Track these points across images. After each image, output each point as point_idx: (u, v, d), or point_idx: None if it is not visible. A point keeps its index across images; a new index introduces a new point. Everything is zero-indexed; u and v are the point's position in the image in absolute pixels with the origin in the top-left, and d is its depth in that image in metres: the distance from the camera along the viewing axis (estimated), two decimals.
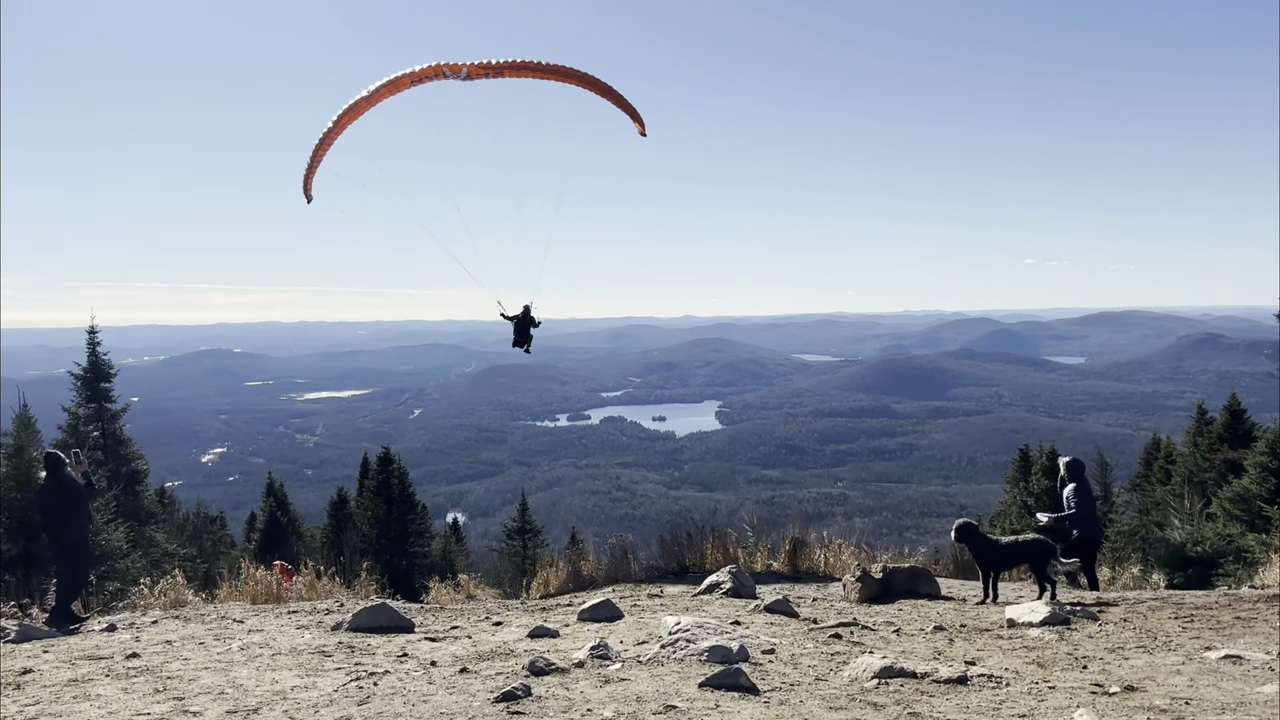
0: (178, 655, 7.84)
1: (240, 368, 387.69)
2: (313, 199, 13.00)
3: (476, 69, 12.03)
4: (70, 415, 31.42)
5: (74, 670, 7.22)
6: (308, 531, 48.74)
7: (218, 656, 7.71)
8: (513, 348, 14.76)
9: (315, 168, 12.79)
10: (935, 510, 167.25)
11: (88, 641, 9.19)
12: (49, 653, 8.36)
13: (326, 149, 12.78)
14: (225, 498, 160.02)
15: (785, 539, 15.32)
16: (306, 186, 12.95)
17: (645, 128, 14.42)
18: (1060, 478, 13.32)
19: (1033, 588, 11.68)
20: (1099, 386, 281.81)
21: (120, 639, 9.24)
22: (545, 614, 10.59)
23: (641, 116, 14.32)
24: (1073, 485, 12.99)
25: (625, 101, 13.89)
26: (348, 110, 12.54)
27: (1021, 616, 8.52)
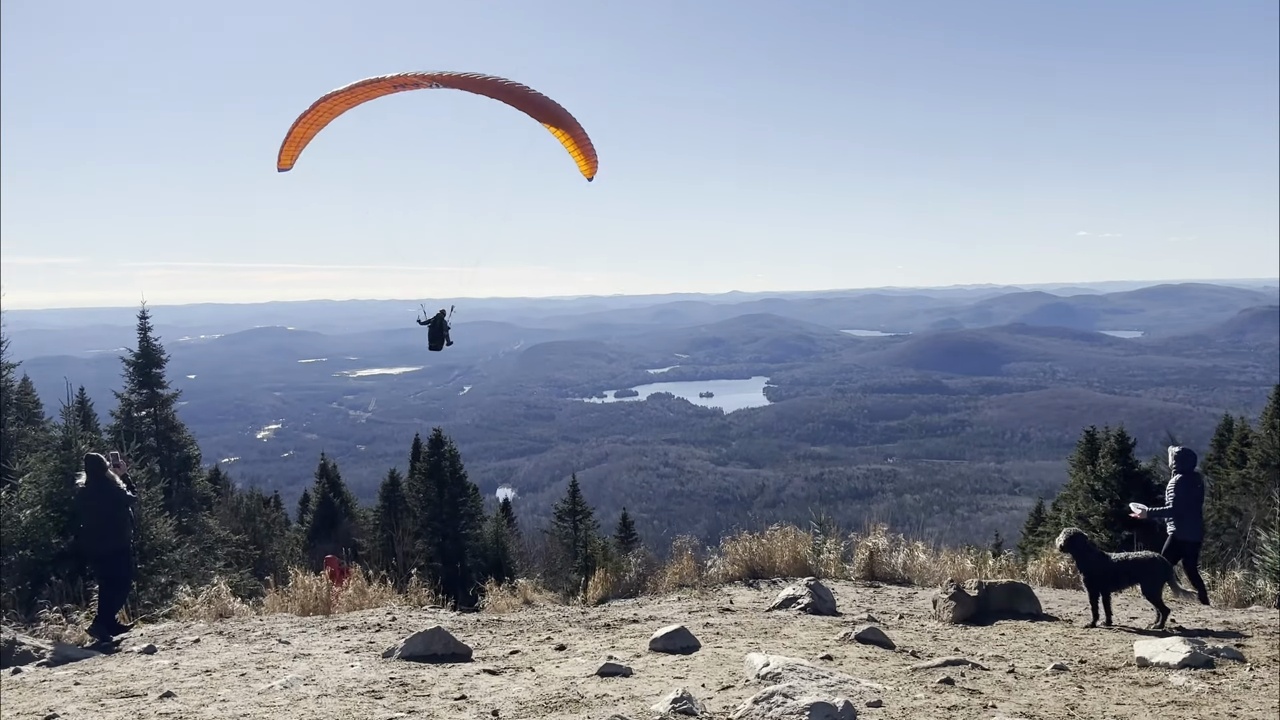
0: (215, 695, 7.13)
1: (294, 345, 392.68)
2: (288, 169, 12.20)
3: (440, 80, 11.33)
4: (123, 401, 31.29)
5: (101, 717, 6.53)
6: (360, 512, 48.69)
7: (258, 698, 6.99)
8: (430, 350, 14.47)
9: (299, 143, 11.99)
10: (988, 487, 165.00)
11: (124, 668, 8.55)
12: (80, 685, 7.72)
13: (316, 129, 12.01)
14: (280, 474, 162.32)
15: (859, 544, 14.39)
16: (286, 159, 12.09)
17: (594, 171, 12.92)
18: (1168, 468, 12.17)
19: (1144, 606, 10.64)
20: (1156, 361, 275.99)
21: (158, 666, 8.58)
22: (611, 634, 9.79)
23: (595, 157, 12.82)
24: (1178, 478, 11.86)
25: (578, 139, 12.53)
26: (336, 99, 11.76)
27: (1154, 655, 7.54)
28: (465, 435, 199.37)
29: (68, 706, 6.86)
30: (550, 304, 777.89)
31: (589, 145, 12.79)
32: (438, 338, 14.32)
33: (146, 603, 17.44)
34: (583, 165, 12.91)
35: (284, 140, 11.96)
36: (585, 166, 12.91)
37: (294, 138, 11.94)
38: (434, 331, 14.27)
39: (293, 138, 11.92)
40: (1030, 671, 7.50)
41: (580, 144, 12.73)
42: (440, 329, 14.25)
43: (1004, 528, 79.87)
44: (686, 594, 12.99)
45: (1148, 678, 7.12)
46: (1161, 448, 41.39)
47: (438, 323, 14.20)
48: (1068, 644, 8.82)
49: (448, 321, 14.35)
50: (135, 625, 11.77)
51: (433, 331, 14.28)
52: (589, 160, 12.87)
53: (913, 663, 7.87)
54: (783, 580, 13.57)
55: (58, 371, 31.68)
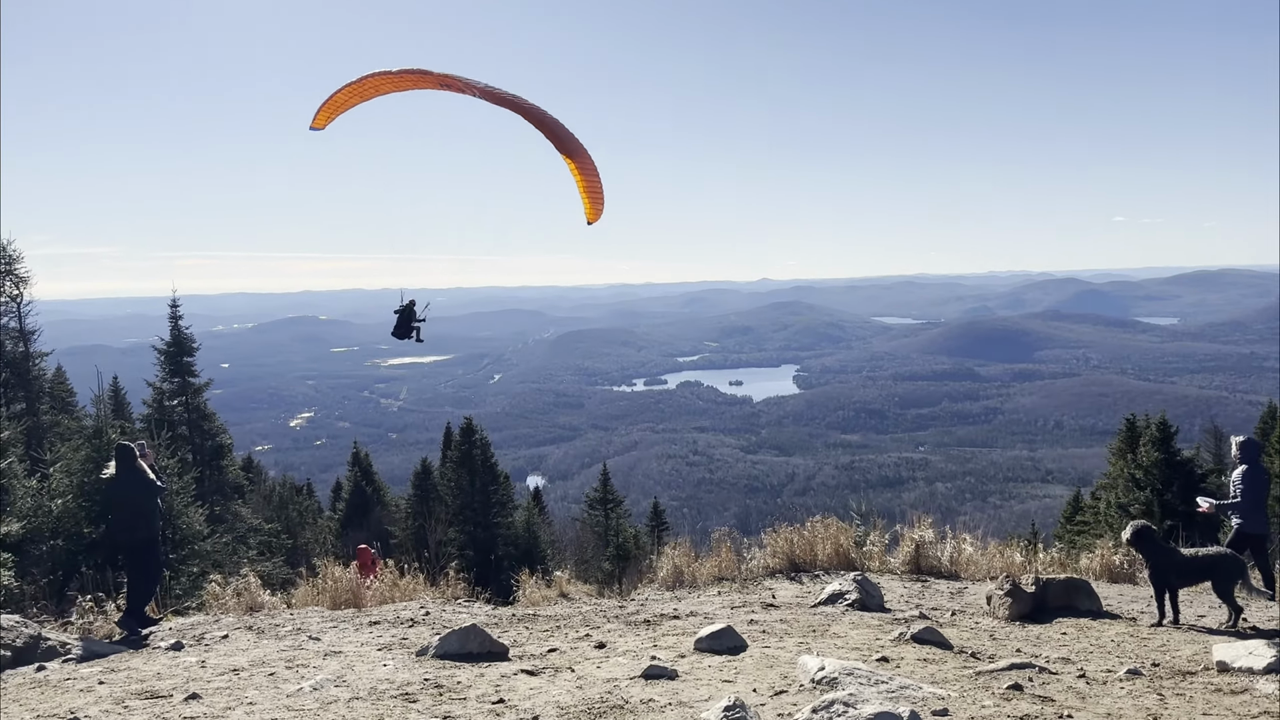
0: (242, 697, 6.82)
1: (326, 334, 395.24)
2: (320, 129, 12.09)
3: (484, 93, 11.43)
4: (155, 390, 31.28)
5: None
6: (392, 501, 48.68)
7: (287, 701, 6.67)
8: (391, 334, 14.26)
9: (338, 108, 11.89)
10: (1020, 475, 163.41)
11: (150, 666, 8.28)
12: (104, 684, 7.44)
13: (359, 99, 11.94)
14: (313, 461, 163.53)
15: (904, 536, 13.92)
16: (322, 119, 11.96)
17: (596, 217, 12.92)
18: (1232, 459, 11.58)
19: (1212, 604, 10.13)
20: (1192, 348, 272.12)
21: (185, 663, 8.30)
22: (651, 631, 9.41)
23: (601, 205, 12.84)
24: (1243, 469, 11.26)
25: (591, 182, 12.55)
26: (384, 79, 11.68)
27: (1236, 659, 7.05)
28: (495, 423, 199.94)
29: (90, 709, 6.58)
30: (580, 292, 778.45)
31: (598, 192, 12.77)
32: (404, 327, 14.17)
33: (178, 593, 17.30)
34: (588, 209, 12.85)
35: (324, 102, 11.79)
36: (590, 211, 12.86)
37: (335, 101, 11.79)
38: (402, 320, 14.13)
39: (334, 101, 11.77)
40: (1102, 676, 7.05)
41: (590, 189, 12.75)
42: (409, 319, 14.13)
43: (1038, 516, 78.89)
44: (726, 588, 12.60)
45: (1231, 684, 6.64)
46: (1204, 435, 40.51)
47: (408, 313, 14.10)
48: (1136, 645, 8.35)
49: (420, 315, 14.30)
50: (165, 618, 11.53)
51: (401, 320, 14.13)
52: (595, 206, 12.86)
53: (974, 665, 7.43)
54: (824, 574, 13.15)
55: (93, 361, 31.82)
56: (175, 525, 18.97)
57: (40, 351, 28.21)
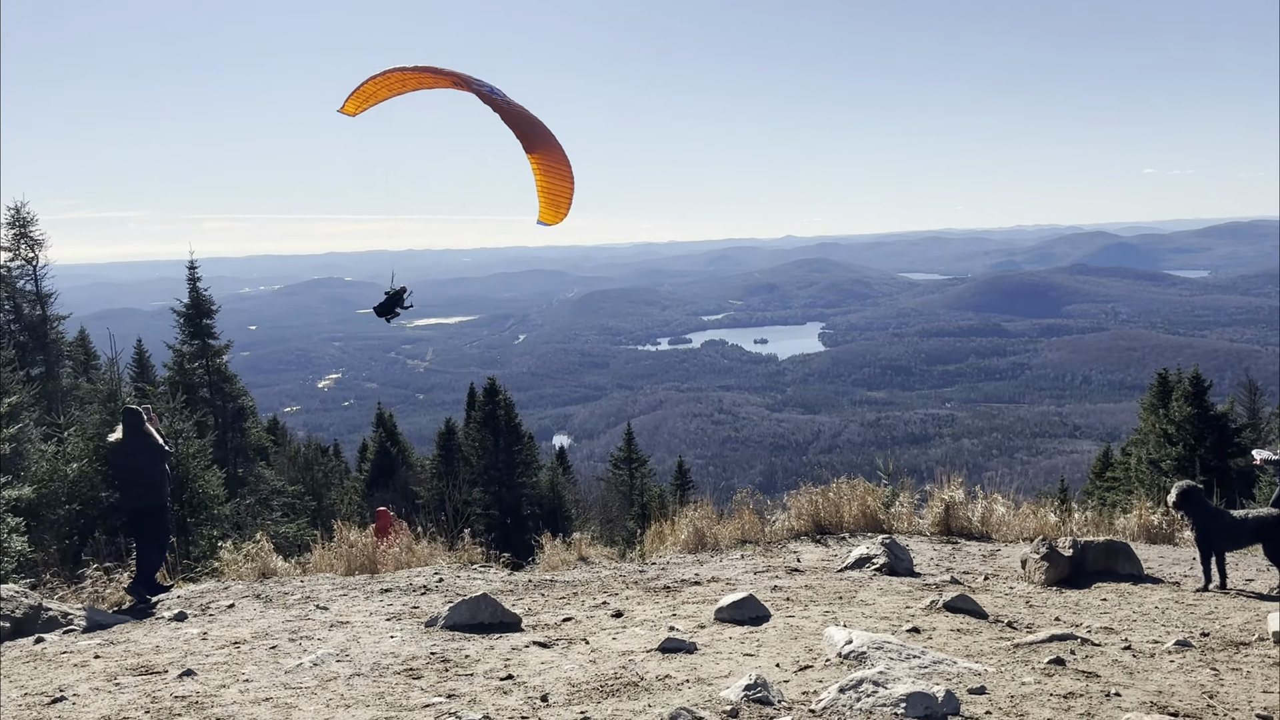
0: (238, 674, 6.51)
1: (352, 296, 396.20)
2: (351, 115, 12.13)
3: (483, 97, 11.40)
4: (175, 353, 31.13)
5: (113, 700, 5.93)
6: (418, 461, 48.68)
7: (285, 678, 6.35)
8: (373, 309, 14.18)
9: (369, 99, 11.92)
10: (1047, 431, 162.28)
11: (150, 638, 8.00)
12: (100, 659, 7.15)
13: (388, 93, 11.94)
14: (341, 422, 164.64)
15: (934, 496, 13.48)
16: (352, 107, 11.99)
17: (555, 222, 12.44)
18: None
19: (1260, 567, 9.64)
20: (1223, 301, 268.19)
21: (186, 635, 8.01)
22: (671, 598, 9.05)
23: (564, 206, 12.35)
24: None
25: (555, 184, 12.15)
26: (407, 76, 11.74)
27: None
28: (520, 383, 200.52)
29: (80, 686, 6.28)
30: (604, 251, 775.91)
31: (563, 195, 12.24)
32: (389, 308, 14.08)
33: (196, 556, 17.14)
34: (543, 212, 12.30)
35: (355, 90, 11.79)
36: (545, 213, 12.29)
37: (365, 92, 11.81)
38: (389, 301, 14.08)
39: (363, 92, 11.79)
40: (1149, 648, 6.60)
41: (549, 190, 12.20)
42: (395, 303, 14.09)
43: (1066, 472, 78.17)
44: (749, 550, 12.21)
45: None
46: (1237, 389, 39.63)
47: (396, 297, 14.07)
48: (1182, 612, 7.90)
49: (407, 303, 14.23)
50: (176, 585, 11.30)
51: (388, 300, 14.09)
52: (553, 210, 12.27)
53: (1011, 636, 7.01)
54: (851, 536, 12.75)
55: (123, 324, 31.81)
56: (192, 489, 18.83)
57: (58, 315, 28.09)
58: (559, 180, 12.20)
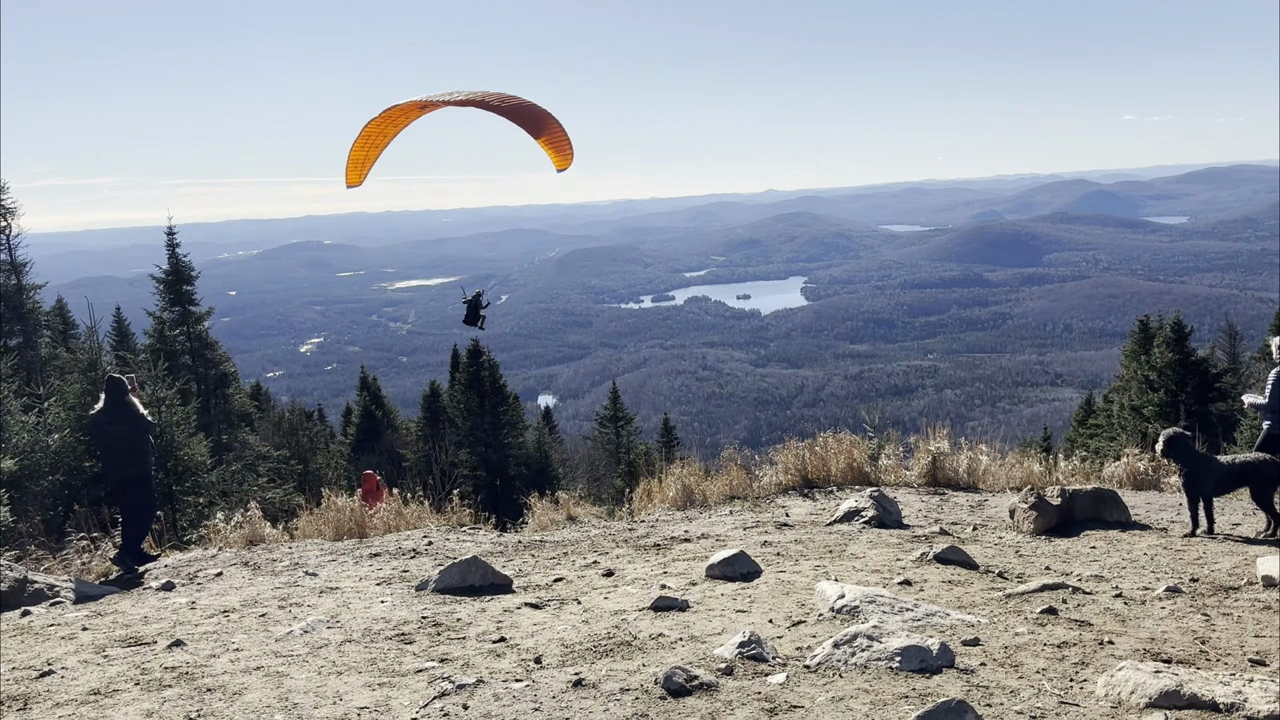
0: (228, 643, 6.46)
1: (332, 259, 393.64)
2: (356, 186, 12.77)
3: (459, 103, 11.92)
4: (155, 320, 30.82)
5: (102, 672, 5.87)
6: (403, 424, 48.59)
7: (276, 646, 6.31)
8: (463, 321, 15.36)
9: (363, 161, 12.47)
10: (1029, 379, 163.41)
11: (138, 609, 7.93)
12: (87, 630, 7.09)
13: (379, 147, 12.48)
14: (324, 386, 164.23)
15: (919, 448, 13.50)
16: (358, 177, 12.57)
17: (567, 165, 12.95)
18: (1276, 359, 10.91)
19: (1246, 511, 9.70)
20: (1203, 246, 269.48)
21: (174, 605, 7.95)
22: (661, 556, 9.05)
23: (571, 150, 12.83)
24: (1278, 370, 10.66)
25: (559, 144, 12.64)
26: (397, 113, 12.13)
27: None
28: (504, 344, 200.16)
29: (68, 659, 6.22)
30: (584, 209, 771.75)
31: (565, 145, 12.75)
32: (474, 317, 15.27)
33: (183, 525, 17.07)
34: (557, 162, 12.90)
35: (349, 160, 12.43)
36: (560, 162, 12.88)
37: (357, 160, 12.42)
38: (470, 311, 15.26)
39: (356, 160, 12.42)
40: (1139, 595, 6.63)
41: (558, 147, 12.77)
42: (476, 308, 15.28)
43: (1049, 419, 78.75)
44: (738, 506, 12.22)
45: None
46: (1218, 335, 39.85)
47: (475, 303, 15.25)
48: (1170, 558, 7.93)
49: (483, 303, 15.40)
50: (163, 553, 11.23)
51: (470, 310, 15.27)
52: (562, 157, 12.84)
53: (1002, 586, 7.03)
54: (839, 489, 12.77)
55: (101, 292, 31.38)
56: (177, 457, 18.71)
57: (34, 284, 27.71)
58: (561, 137, 12.73)
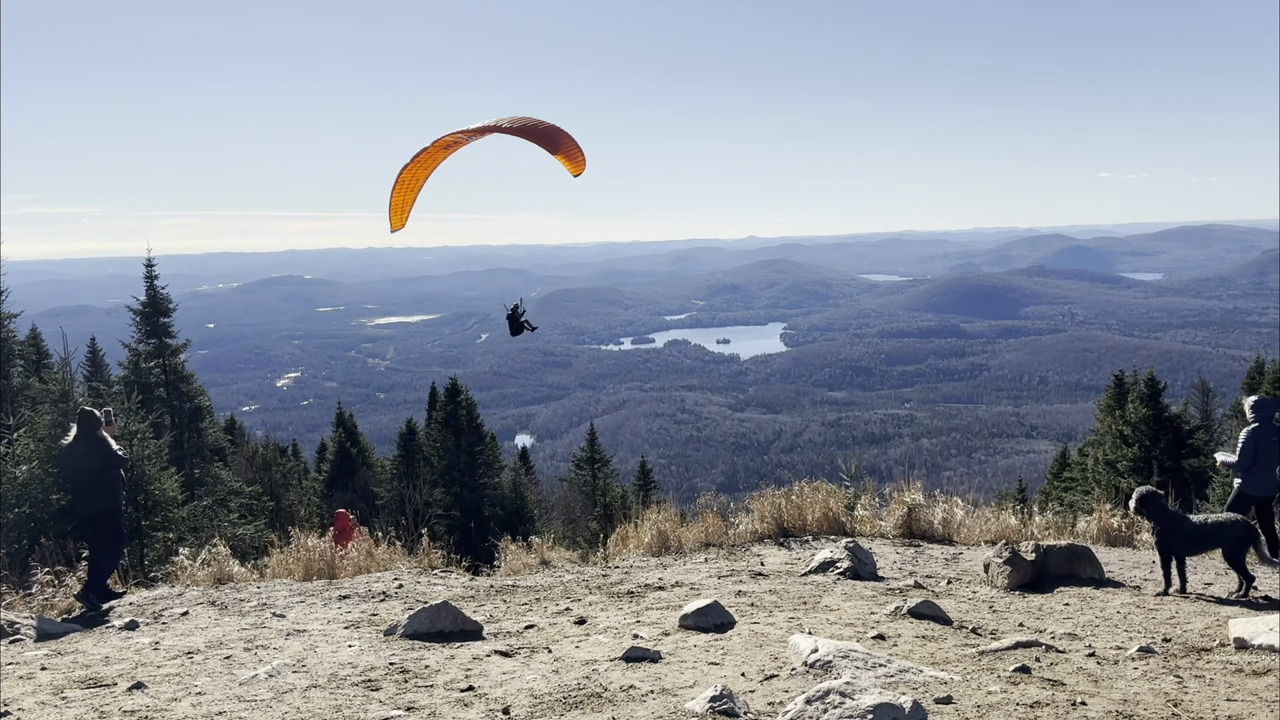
0: (191, 686, 6.33)
1: (312, 294, 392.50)
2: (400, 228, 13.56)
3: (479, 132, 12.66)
4: (131, 351, 30.55)
5: (59, 715, 5.74)
6: (378, 462, 48.21)
7: (239, 690, 6.19)
8: (511, 336, 16.07)
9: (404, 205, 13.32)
10: (1005, 431, 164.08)
11: (100, 648, 7.78)
12: (46, 670, 6.94)
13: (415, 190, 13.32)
14: (300, 421, 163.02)
15: (895, 499, 13.51)
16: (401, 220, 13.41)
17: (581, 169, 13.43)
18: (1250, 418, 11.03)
19: (1218, 570, 9.73)
20: (1176, 303, 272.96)
21: (137, 645, 7.80)
22: (635, 604, 8.97)
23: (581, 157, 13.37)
24: (1249, 428, 10.75)
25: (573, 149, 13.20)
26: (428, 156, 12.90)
27: (1255, 636, 6.62)
28: (483, 382, 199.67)
29: (24, 699, 6.08)
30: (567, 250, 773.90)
31: (579, 153, 13.34)
32: (517, 328, 15.77)
33: (151, 560, 16.79)
34: (570, 168, 13.44)
35: (391, 207, 13.18)
36: (572, 167, 13.42)
37: (398, 205, 13.20)
38: (512, 323, 15.77)
39: (397, 205, 13.19)
40: (1113, 654, 6.62)
41: (574, 156, 13.34)
42: (515, 319, 15.74)
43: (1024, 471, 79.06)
44: (713, 554, 12.16)
45: (1253, 664, 6.21)
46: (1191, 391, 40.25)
47: (514, 315, 15.71)
48: (1144, 617, 7.93)
49: (521, 311, 15.82)
50: (129, 590, 11.04)
51: (512, 323, 15.78)
52: (576, 163, 13.38)
53: (976, 643, 7.00)
54: (814, 539, 12.75)
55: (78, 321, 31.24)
56: (148, 491, 18.45)
57: (10, 312, 27.42)
58: (574, 147, 13.21)
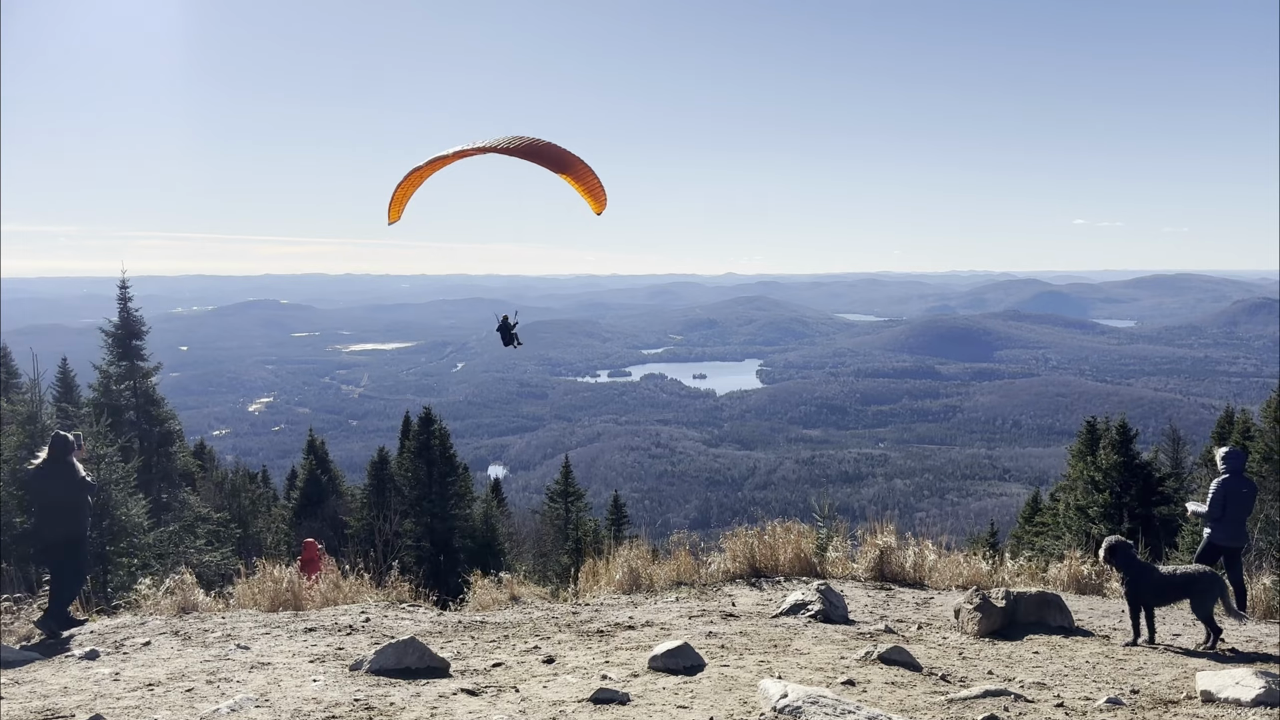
0: (150, 719, 6.22)
1: (287, 319, 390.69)
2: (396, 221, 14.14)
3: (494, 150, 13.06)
4: (101, 374, 30.22)
5: None
6: (348, 490, 47.78)
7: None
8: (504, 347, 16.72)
9: (403, 199, 13.84)
10: (978, 473, 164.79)
11: (58, 678, 7.63)
12: (4, 700, 6.80)
13: (415, 187, 13.77)
14: (271, 447, 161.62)
15: (867, 541, 13.51)
16: (394, 212, 13.92)
17: (603, 208, 14.09)
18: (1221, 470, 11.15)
19: (1187, 621, 9.78)
20: (1149, 351, 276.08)
21: (96, 676, 7.66)
22: (604, 643, 8.91)
23: (603, 194, 13.95)
24: (1220, 479, 10.89)
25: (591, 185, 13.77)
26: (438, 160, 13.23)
27: (1221, 690, 6.65)
28: (458, 412, 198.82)
29: None
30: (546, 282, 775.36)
31: (598, 188, 13.84)
32: (509, 338, 16.27)
33: (115, 587, 16.52)
34: (593, 206, 13.98)
35: (391, 199, 13.74)
36: (595, 206, 13.96)
37: (399, 198, 13.71)
38: (504, 334, 16.25)
39: (398, 198, 13.72)
40: (1081, 705, 6.62)
41: (591, 190, 13.83)
42: (506, 329, 16.24)
43: (995, 514, 79.39)
44: (685, 593, 12.10)
45: (1219, 718, 6.24)
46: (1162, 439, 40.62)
47: (504, 326, 16.25)
48: (1112, 667, 7.95)
49: (513, 320, 16.34)
50: (91, 618, 10.84)
51: (503, 333, 16.27)
52: (598, 201, 13.91)
53: (945, 690, 6.99)
54: (786, 580, 12.73)
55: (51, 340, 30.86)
56: (113, 516, 18.21)
57: None
58: (591, 179, 13.72)
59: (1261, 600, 11.90)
